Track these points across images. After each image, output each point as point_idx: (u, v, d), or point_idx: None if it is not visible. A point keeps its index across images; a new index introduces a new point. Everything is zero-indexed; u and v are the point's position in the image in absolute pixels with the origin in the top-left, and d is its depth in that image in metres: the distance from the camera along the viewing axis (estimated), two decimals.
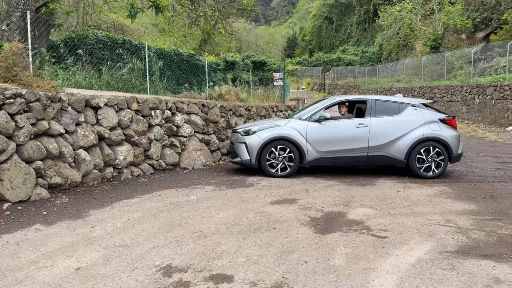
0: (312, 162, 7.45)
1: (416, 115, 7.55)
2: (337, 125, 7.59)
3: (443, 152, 7.34)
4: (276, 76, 13.62)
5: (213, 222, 4.60)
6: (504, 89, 15.98)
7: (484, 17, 32.87)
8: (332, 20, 61.58)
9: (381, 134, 7.41)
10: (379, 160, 7.54)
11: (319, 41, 63.28)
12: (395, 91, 26.92)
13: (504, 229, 4.38)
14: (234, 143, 7.86)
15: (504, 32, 29.91)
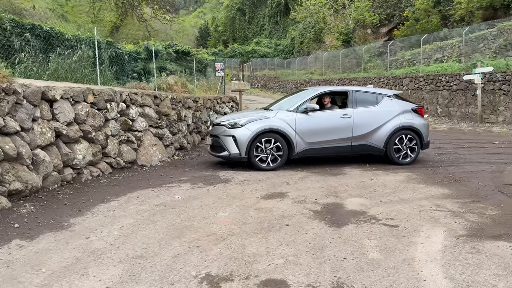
0: (300, 154, 7.41)
1: (392, 105, 7.88)
2: (323, 116, 7.61)
3: (416, 139, 7.76)
4: (218, 67, 13.26)
5: (219, 223, 4.28)
6: (419, 80, 17.56)
7: (387, 13, 35.66)
8: (245, 11, 62.00)
9: (363, 124, 7.60)
10: (362, 149, 7.75)
11: (232, 32, 63.33)
12: (315, 83, 28.09)
13: (490, 210, 4.75)
14: (220, 136, 7.45)
15: (405, 28, 32.76)
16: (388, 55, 24.17)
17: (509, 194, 5.40)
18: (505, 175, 6.61)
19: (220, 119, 8.03)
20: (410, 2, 33.75)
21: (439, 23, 30.95)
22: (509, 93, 13.55)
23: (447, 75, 16.29)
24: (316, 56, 35.30)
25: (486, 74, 13.97)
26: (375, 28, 37.92)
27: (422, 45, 24.25)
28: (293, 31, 49.96)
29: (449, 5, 30.14)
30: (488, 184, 6.02)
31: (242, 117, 7.58)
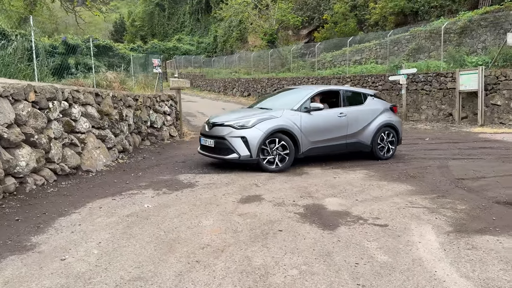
0: (305, 153, 7.34)
1: (376, 104, 8.31)
2: (324, 115, 7.62)
3: (394, 136, 8.30)
4: (155, 63, 12.50)
5: (208, 233, 3.93)
6: (346, 80, 18.40)
7: (307, 15, 36.97)
8: (164, 7, 60.21)
9: (355, 122, 7.88)
10: (353, 146, 7.99)
11: (151, 28, 61.13)
12: (244, 82, 28.13)
13: (459, 205, 5.00)
14: (226, 138, 6.91)
15: (325, 31, 34.24)
16: (314, 56, 25.00)
17: (466, 189, 5.75)
18: (452, 169, 7.07)
19: (220, 119, 7.36)
20: (329, 5, 35.36)
21: (356, 26, 32.84)
22: (430, 93, 14.77)
23: (373, 76, 17.29)
24: (241, 55, 35.40)
25: (410, 75, 15.06)
26: (296, 30, 39.13)
27: (342, 48, 25.51)
28: (216, 29, 49.63)
29: (364, 10, 32.14)
30: (442, 179, 6.38)
31: (246, 116, 7.15)
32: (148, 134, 10.58)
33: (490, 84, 12.72)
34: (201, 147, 7.61)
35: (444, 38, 17.81)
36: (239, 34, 43.11)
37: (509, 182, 5.98)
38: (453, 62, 14.88)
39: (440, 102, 14.53)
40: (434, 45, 20.97)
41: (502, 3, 21.64)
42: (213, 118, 7.62)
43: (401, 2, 28.20)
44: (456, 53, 15.22)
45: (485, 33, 19.95)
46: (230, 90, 29.73)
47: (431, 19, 27.07)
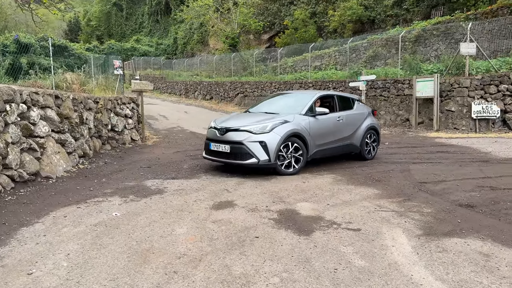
0: (312, 156, 7.58)
1: (362, 108, 8.91)
2: (327, 119, 7.92)
3: (376, 138, 8.95)
4: (116, 64, 12.08)
5: (183, 241, 3.83)
6: (308, 85, 18.70)
7: (268, 20, 37.34)
8: (122, 7, 58.77)
9: (349, 125, 8.34)
10: (347, 148, 8.44)
11: (108, 28, 59.48)
12: (206, 85, 27.89)
13: (424, 208, 5.18)
14: (244, 143, 6.84)
15: (285, 36, 34.71)
16: (276, 61, 25.24)
17: (429, 192, 5.98)
18: (414, 173, 7.33)
19: (234, 124, 7.26)
20: (289, 11, 35.90)
21: (315, 33, 33.56)
22: (389, 99, 15.31)
23: (334, 82, 17.69)
24: (203, 58, 35.13)
25: (369, 81, 15.54)
26: (257, 35, 39.39)
27: (303, 53, 25.94)
28: (176, 31, 48.98)
29: (324, 17, 32.92)
30: (406, 183, 6.59)
31: (261, 121, 7.15)
32: (109, 138, 10.21)
33: (444, 91, 13.37)
34: (210, 153, 7.42)
35: (399, 46, 18.54)
36: (200, 37, 42.79)
37: (468, 186, 6.27)
38: (410, 70, 15.52)
39: (398, 108, 15.09)
40: (390, 52, 21.81)
41: (453, 14, 22.88)
42: (222, 123, 7.49)
43: (358, 10, 29.14)
44: (413, 60, 15.88)
45: (438, 42, 21.00)
46: (192, 93, 29.39)
47: (387, 27, 28.17)
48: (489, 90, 12.71)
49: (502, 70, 13.23)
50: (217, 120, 7.90)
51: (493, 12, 21.49)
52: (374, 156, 8.98)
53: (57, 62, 20.50)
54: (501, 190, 5.92)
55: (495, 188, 6.07)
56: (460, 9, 23.47)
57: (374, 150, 9.00)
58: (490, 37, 18.52)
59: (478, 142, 11.00)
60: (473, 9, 22.82)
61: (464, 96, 12.90)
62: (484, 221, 4.60)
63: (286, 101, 8.42)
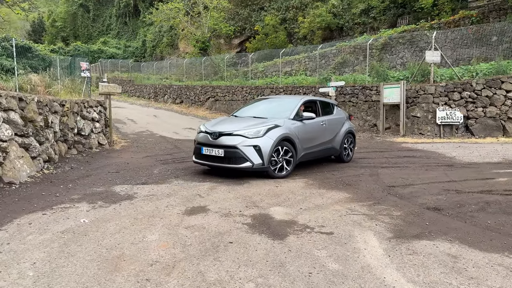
0: (300, 159, 7.75)
1: (341, 113, 9.31)
2: (312, 124, 8.15)
3: (353, 141, 9.40)
4: (83, 66, 11.72)
5: (155, 248, 3.73)
6: (279, 90, 18.84)
7: (239, 25, 37.45)
8: (89, 8, 57.40)
9: (331, 129, 8.67)
10: (329, 151, 8.77)
11: (74, 29, 57.89)
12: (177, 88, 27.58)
13: (394, 211, 5.30)
14: (239, 147, 6.93)
15: (256, 41, 34.92)
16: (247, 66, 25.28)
17: (398, 196, 6.12)
18: (382, 177, 7.49)
19: (227, 128, 7.31)
20: (260, 17, 36.15)
21: (286, 39, 33.94)
22: (357, 104, 15.63)
23: (304, 87, 17.90)
24: (172, 61, 34.74)
25: (338, 87, 15.83)
26: (228, 39, 39.39)
27: (274, 59, 26.15)
28: (145, 33, 48.26)
29: (294, 24, 33.35)
30: (375, 186, 6.72)
31: (253, 125, 7.28)
32: (75, 142, 9.89)
33: (410, 97, 13.79)
34: (201, 157, 7.40)
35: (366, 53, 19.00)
36: (170, 40, 42.34)
37: (434, 189, 6.46)
38: (377, 76, 15.92)
39: (366, 113, 15.44)
40: (358, 59, 22.33)
41: (418, 23, 23.71)
42: (213, 127, 7.52)
43: (327, 18, 29.71)
44: (380, 67, 16.31)
45: (404, 50, 21.69)
46: (162, 96, 28.98)
47: (355, 35, 28.87)
48: (453, 97, 13.22)
49: (465, 78, 13.80)
50: (206, 124, 7.92)
51: (455, 22, 22.45)
52: (351, 159, 9.38)
53: (20, 63, 19.76)
54: (466, 194, 6.14)
55: (460, 191, 6.29)
56: (425, 18, 24.37)
57: (352, 153, 9.43)
58: (452, 46, 19.31)
59: (443, 147, 11.40)
60: (436, 19, 23.75)
61: (429, 103, 13.35)
62: (451, 223, 4.74)
63: (273, 105, 8.62)
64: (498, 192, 6.23)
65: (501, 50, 16.16)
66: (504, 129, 12.89)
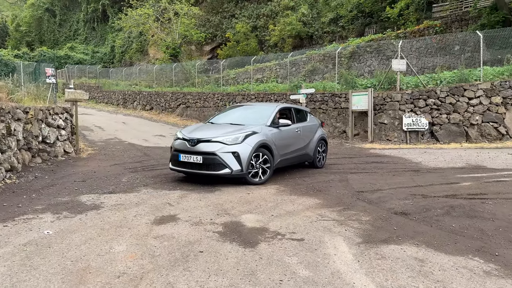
0: (276, 165, 7.83)
1: (314, 121, 9.56)
2: (288, 130, 8.28)
3: (326, 147, 9.64)
4: (48, 72, 11.35)
5: (122, 259, 3.63)
6: (250, 97, 18.90)
7: (210, 32, 37.44)
8: (55, 13, 55.92)
9: (305, 136, 8.84)
10: (303, 158, 8.92)
11: (39, 34, 56.21)
12: (146, 95, 27.17)
13: (363, 216, 5.38)
14: (217, 153, 6.95)
15: (227, 48, 35.01)
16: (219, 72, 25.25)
17: (366, 201, 6.23)
18: (352, 183, 7.61)
19: (205, 135, 7.30)
20: (231, 24, 36.28)
21: (257, 46, 34.19)
22: (327, 111, 15.87)
23: (276, 94, 18.04)
24: (142, 67, 34.26)
25: (309, 94, 16.03)
26: (199, 46, 39.27)
27: (245, 66, 26.27)
28: (114, 39, 47.42)
29: (265, 31, 33.65)
30: (345, 192, 6.82)
31: (232, 132, 7.31)
32: (40, 150, 9.56)
33: (378, 104, 14.14)
34: (179, 164, 7.34)
35: (335, 61, 19.39)
36: (140, 46, 41.78)
37: (401, 194, 6.62)
38: (346, 84, 16.25)
39: (336, 120, 15.70)
40: (327, 67, 22.76)
41: (385, 32, 24.42)
42: (190, 134, 7.47)
43: (297, 26, 30.15)
44: (349, 75, 16.65)
45: (371, 58, 22.26)
46: (131, 103, 28.48)
47: (324, 43, 29.42)
48: (418, 104, 13.64)
49: (430, 86, 14.28)
50: (183, 131, 7.87)
51: (420, 31, 23.27)
52: (323, 165, 9.53)
53: None
54: (432, 198, 6.32)
55: (426, 196, 6.47)
56: (391, 28, 25.13)
57: (324, 159, 9.62)
58: (418, 54, 20.00)
59: (409, 152, 11.72)
60: (402, 28, 24.54)
61: (396, 110, 13.73)
62: (417, 227, 4.86)
63: (249, 112, 8.70)
64: (462, 196, 6.44)
65: (463, 59, 16.87)
66: (467, 135, 13.40)
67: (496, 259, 3.88)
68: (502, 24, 18.53)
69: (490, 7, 19.96)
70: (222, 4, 38.43)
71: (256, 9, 36.01)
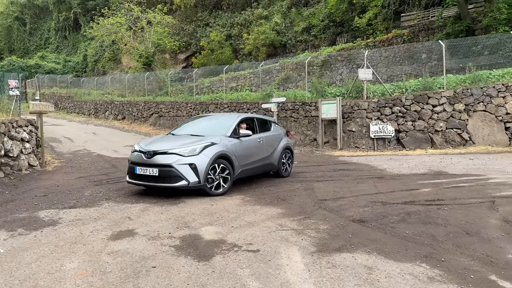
0: (237, 176, 7.84)
1: (278, 130, 9.64)
2: (250, 141, 8.30)
3: (291, 157, 9.73)
4: (11, 84, 11.11)
5: (71, 277, 3.60)
6: (223, 106, 18.94)
7: (184, 41, 37.41)
8: (25, 21, 54.77)
9: (269, 146, 8.89)
10: (267, 167, 8.94)
11: (9, 43, 54.92)
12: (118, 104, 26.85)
13: (321, 225, 5.48)
14: (174, 165, 6.88)
15: (202, 57, 35.05)
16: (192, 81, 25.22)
17: (327, 209, 6.34)
18: (316, 191, 7.74)
19: (161, 147, 7.25)
20: (205, 33, 36.35)
21: (231, 55, 34.36)
22: (298, 120, 16.08)
23: (248, 103, 18.15)
24: (115, 76, 33.90)
25: (280, 103, 16.21)
26: (173, 54, 39.17)
27: (219, 74, 26.35)
28: (86, 48, 46.77)
29: (239, 40, 33.87)
30: (308, 201, 6.93)
31: (189, 144, 7.27)
32: (2, 164, 9.33)
33: (346, 112, 14.42)
34: (135, 177, 7.24)
35: (308, 70, 19.70)
36: (112, 55, 41.35)
37: (362, 201, 6.77)
38: (316, 93, 16.52)
39: (306, 128, 15.91)
40: (301, 76, 23.06)
41: (355, 42, 24.96)
42: (147, 146, 7.39)
43: (271, 35, 30.49)
44: (318, 84, 16.94)
45: (342, 67, 22.70)
46: (102, 113, 28.09)
47: (298, 52, 29.84)
48: (385, 112, 13.99)
49: (395, 94, 14.67)
50: (141, 143, 7.78)
51: (389, 40, 23.91)
52: (289, 174, 9.59)
53: None
54: (390, 205, 6.48)
55: (386, 203, 6.64)
56: (361, 36, 25.73)
57: (290, 168, 9.67)
58: (387, 63, 20.50)
59: (376, 159, 11.98)
60: (372, 37, 25.15)
61: (363, 117, 14.04)
62: (372, 235, 4.99)
63: (210, 123, 8.75)
64: (419, 202, 6.64)
65: (430, 67, 17.42)
66: (432, 141, 13.80)
67: (442, 264, 4.03)
68: (466, 33, 19.26)
69: (454, 16, 20.69)
70: (196, 13, 38.52)
71: (230, 18, 36.25)
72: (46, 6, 52.53)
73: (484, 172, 9.32)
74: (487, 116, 13.82)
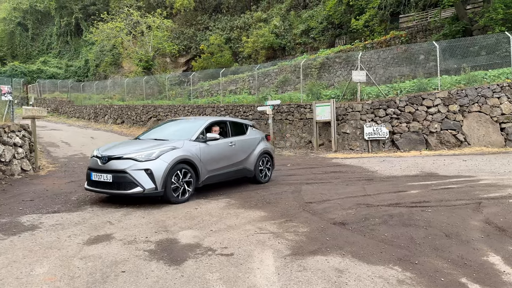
0: (204, 182, 7.57)
1: (255, 134, 9.30)
2: (218, 145, 8.01)
3: (270, 161, 9.40)
4: (4, 90, 11.19)
5: (39, 282, 3.60)
6: (220, 109, 18.96)
7: (184, 44, 37.54)
8: (27, 27, 55.16)
9: (242, 150, 8.59)
10: (241, 173, 8.60)
11: (11, 48, 55.31)
12: (117, 109, 26.96)
13: (301, 228, 5.46)
14: (128, 171, 6.55)
15: (202, 60, 35.11)
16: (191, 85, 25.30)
17: (311, 212, 6.32)
18: (303, 194, 7.71)
19: (117, 152, 6.94)
20: (205, 36, 36.45)
21: (231, 58, 34.42)
22: (293, 122, 16.06)
23: (244, 106, 18.16)
24: (115, 81, 34.05)
25: (275, 106, 16.21)
26: (174, 58, 39.30)
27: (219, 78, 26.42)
28: (87, 52, 47.03)
29: (238, 43, 33.94)
30: (293, 204, 6.90)
31: (146, 148, 6.95)
32: None
33: (340, 114, 14.39)
34: (91, 183, 6.97)
35: (306, 72, 19.71)
36: (113, 59, 41.53)
37: (348, 204, 6.74)
38: (311, 95, 16.50)
39: (301, 130, 15.89)
40: (299, 78, 23.04)
41: (353, 43, 24.93)
42: (105, 151, 7.08)
43: (270, 38, 30.51)
44: (313, 86, 16.92)
45: (340, 68, 22.68)
46: (102, 117, 28.21)
47: (297, 54, 29.84)
48: (379, 113, 13.94)
49: (390, 95, 14.62)
50: (100, 148, 7.49)
51: (387, 41, 23.86)
52: (269, 179, 9.29)
53: None
54: (375, 207, 6.45)
55: (371, 205, 6.60)
56: (360, 38, 25.69)
57: (270, 173, 9.35)
58: (384, 64, 20.46)
59: (369, 161, 11.94)
60: (369, 39, 25.11)
61: (357, 119, 14.00)
62: (350, 237, 4.96)
63: (177, 127, 8.41)
64: (404, 204, 6.60)
65: (427, 68, 17.35)
66: (427, 143, 13.73)
67: (414, 267, 4.00)
68: (463, 34, 19.19)
69: (451, 17, 20.63)
70: (196, 17, 38.66)
71: (230, 21, 36.34)
72: (48, 11, 52.90)
73: (475, 173, 9.26)
74: (482, 116, 13.74)
